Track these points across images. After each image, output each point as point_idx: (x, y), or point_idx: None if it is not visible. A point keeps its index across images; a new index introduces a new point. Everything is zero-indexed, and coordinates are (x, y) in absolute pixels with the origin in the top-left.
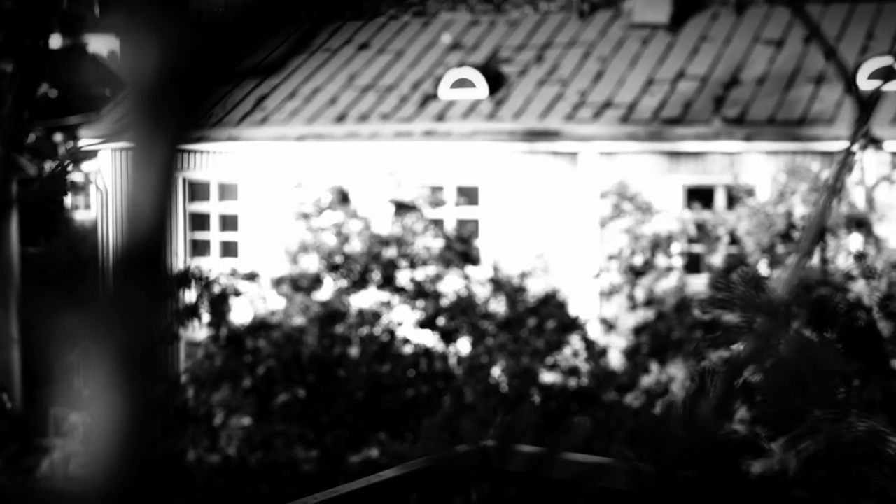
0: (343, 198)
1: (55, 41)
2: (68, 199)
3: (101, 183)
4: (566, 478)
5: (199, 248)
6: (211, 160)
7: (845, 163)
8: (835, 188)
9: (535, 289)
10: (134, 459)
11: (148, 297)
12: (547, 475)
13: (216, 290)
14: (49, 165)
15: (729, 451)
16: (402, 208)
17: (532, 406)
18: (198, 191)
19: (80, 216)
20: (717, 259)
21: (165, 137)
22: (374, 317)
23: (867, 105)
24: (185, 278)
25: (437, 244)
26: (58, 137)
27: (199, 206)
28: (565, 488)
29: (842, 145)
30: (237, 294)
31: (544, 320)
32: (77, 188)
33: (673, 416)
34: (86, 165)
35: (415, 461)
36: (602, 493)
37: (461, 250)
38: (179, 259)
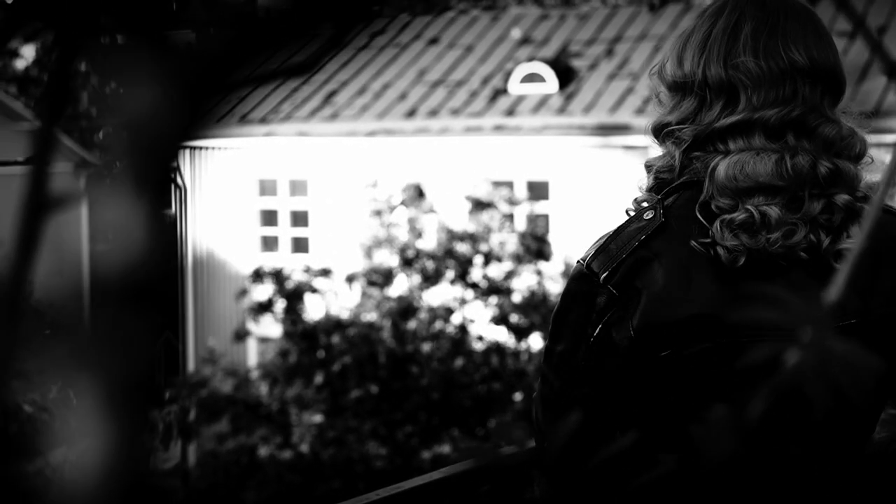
0: (417, 193)
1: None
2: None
3: (179, 179)
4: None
5: (269, 244)
6: (280, 156)
7: None
8: (890, 179)
9: None
10: (122, 493)
11: (139, 329)
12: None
13: (289, 286)
14: (117, 160)
15: (769, 456)
16: (477, 205)
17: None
18: (267, 187)
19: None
20: None
21: (159, 160)
22: (447, 312)
23: None
24: (258, 275)
25: (511, 240)
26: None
27: (268, 202)
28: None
29: None
30: (311, 290)
31: None
32: None
33: (716, 417)
34: None
35: (474, 459)
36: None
37: (535, 247)
38: (249, 255)
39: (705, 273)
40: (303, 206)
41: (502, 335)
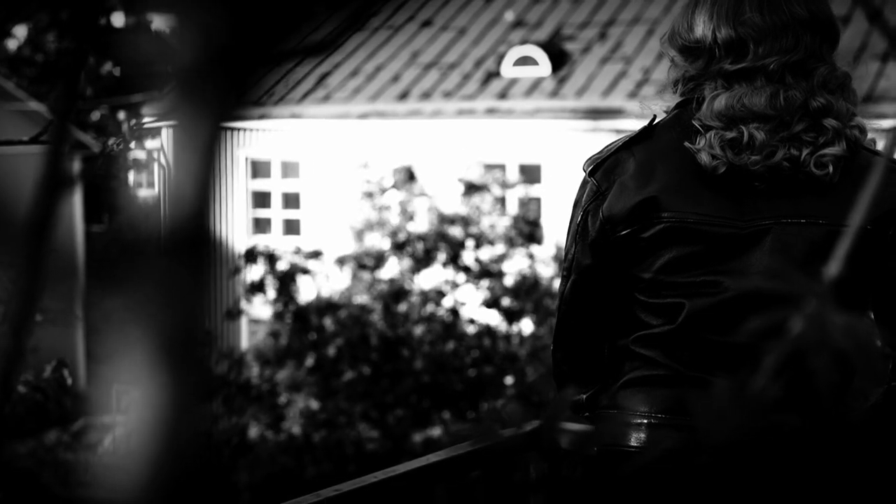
0: (408, 176)
1: (118, 19)
2: (131, 177)
3: (164, 160)
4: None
5: (261, 226)
6: (273, 138)
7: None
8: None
9: None
10: (179, 447)
11: (191, 280)
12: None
13: (282, 267)
14: (112, 143)
15: (772, 432)
16: (470, 187)
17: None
18: (260, 169)
19: (143, 193)
20: None
21: (208, 117)
22: (439, 295)
23: None
24: (252, 255)
25: (503, 223)
26: (121, 115)
27: (261, 184)
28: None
29: None
30: (303, 272)
31: None
32: (140, 165)
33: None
34: (148, 143)
35: (470, 441)
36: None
37: (526, 230)
38: (241, 237)
39: (669, 165)
40: (295, 188)
41: (494, 319)
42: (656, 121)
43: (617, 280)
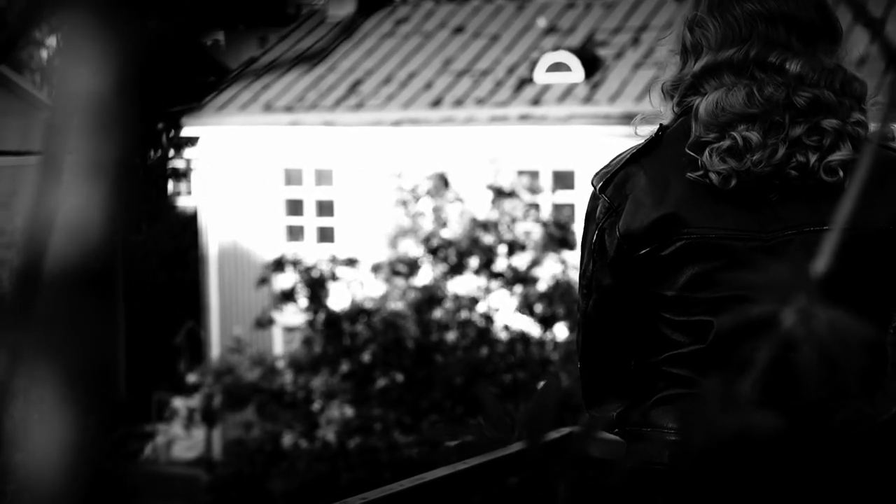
0: (442, 182)
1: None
2: (170, 186)
3: (203, 170)
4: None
5: (295, 234)
6: (306, 145)
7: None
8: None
9: None
10: (82, 486)
11: (98, 313)
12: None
13: (314, 274)
14: (152, 152)
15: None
16: (501, 194)
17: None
18: (293, 176)
19: (182, 203)
20: None
21: (114, 140)
22: (472, 302)
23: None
24: (280, 264)
25: (535, 229)
26: (161, 125)
27: (294, 192)
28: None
29: None
30: (335, 279)
31: None
32: (179, 175)
33: (709, 396)
34: (188, 152)
35: (499, 450)
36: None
37: (559, 235)
38: (275, 244)
39: (682, 178)
40: (328, 196)
41: (527, 324)
42: (663, 129)
43: (640, 298)
